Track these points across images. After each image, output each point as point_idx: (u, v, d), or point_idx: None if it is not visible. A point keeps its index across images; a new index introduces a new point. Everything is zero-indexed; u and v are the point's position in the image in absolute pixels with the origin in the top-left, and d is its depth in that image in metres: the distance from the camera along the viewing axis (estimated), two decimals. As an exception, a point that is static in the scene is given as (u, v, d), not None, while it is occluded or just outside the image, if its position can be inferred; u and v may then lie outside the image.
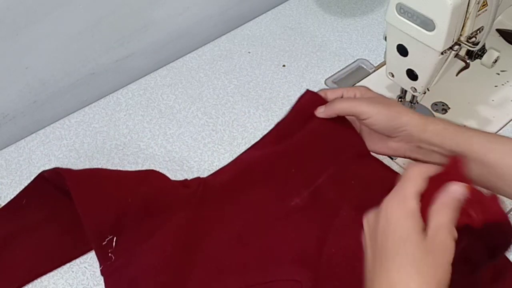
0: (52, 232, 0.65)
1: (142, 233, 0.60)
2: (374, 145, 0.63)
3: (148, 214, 0.61)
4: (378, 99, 0.61)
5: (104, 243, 0.59)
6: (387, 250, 0.41)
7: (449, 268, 0.39)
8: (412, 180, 0.43)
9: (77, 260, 0.64)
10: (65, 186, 0.61)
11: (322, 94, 0.64)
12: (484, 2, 0.57)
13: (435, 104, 0.78)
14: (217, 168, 0.73)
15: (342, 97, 0.63)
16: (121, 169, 0.74)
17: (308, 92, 0.64)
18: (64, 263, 0.63)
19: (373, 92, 0.63)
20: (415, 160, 0.60)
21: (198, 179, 0.68)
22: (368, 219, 0.44)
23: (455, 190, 0.42)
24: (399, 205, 0.42)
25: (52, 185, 0.65)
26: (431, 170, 0.44)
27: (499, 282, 0.56)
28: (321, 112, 0.62)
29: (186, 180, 0.68)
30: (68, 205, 0.62)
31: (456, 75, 0.65)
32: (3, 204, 0.71)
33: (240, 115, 0.80)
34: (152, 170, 0.68)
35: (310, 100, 0.64)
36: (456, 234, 0.40)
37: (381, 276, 0.41)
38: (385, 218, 0.42)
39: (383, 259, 0.41)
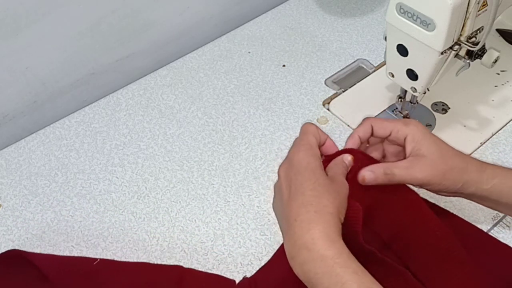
0: None
1: None
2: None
3: None
4: (433, 152, 0.53)
5: None
6: (301, 180, 0.49)
7: (346, 198, 0.50)
8: (312, 132, 0.53)
9: (77, 260, 0.65)
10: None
11: (367, 126, 0.55)
12: (484, 2, 0.57)
13: (435, 104, 0.78)
14: (217, 168, 0.73)
15: (390, 134, 0.55)
16: (121, 169, 0.74)
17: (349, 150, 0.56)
18: None
19: (425, 130, 0.54)
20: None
21: (246, 279, 0.62)
22: (283, 166, 0.52)
23: (346, 157, 0.54)
24: (307, 151, 0.51)
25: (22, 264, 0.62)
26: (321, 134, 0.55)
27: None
28: (371, 178, 0.53)
29: (233, 282, 0.62)
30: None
31: (456, 75, 0.65)
32: (3, 204, 0.71)
33: (240, 115, 0.80)
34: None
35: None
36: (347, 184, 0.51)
37: (297, 199, 0.48)
38: (297, 160, 0.51)
39: (298, 187, 0.49)
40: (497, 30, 0.86)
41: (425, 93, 0.67)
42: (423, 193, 0.57)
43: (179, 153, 0.76)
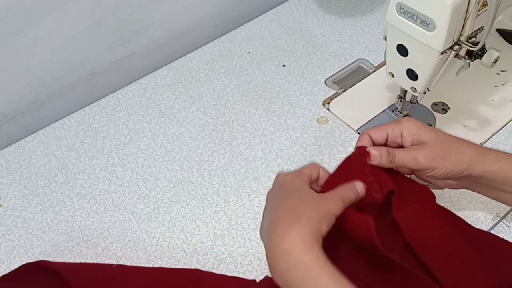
0: None
1: None
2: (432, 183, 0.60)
3: None
4: (431, 138, 0.55)
5: None
6: (284, 195, 0.51)
7: (331, 214, 0.48)
8: (308, 166, 0.55)
9: (77, 260, 0.65)
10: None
11: (365, 137, 0.57)
12: (484, 2, 0.57)
13: (435, 104, 0.78)
14: (217, 168, 0.73)
15: (388, 136, 0.57)
16: (121, 169, 0.74)
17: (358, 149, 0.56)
18: None
19: (418, 122, 0.57)
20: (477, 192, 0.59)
21: (268, 278, 0.61)
22: (270, 190, 0.53)
23: (358, 185, 0.53)
24: (295, 174, 0.54)
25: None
26: (321, 170, 0.55)
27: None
28: (376, 157, 0.54)
29: (254, 281, 0.62)
30: None
31: (456, 75, 0.65)
32: (3, 204, 0.71)
33: (240, 115, 0.80)
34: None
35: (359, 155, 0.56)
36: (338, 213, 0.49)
37: (277, 210, 0.49)
38: (283, 181, 0.53)
39: (280, 200, 0.50)
40: (497, 30, 0.86)
41: (425, 93, 0.67)
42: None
43: (179, 153, 0.76)
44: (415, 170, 0.56)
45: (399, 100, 0.74)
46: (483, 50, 0.63)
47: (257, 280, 0.61)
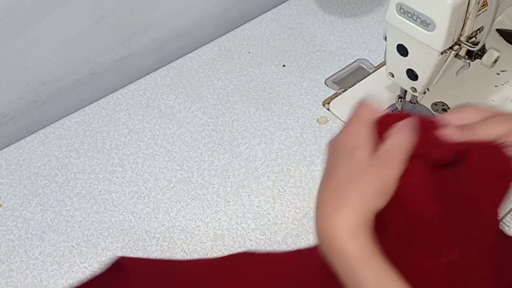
0: None
1: None
2: None
3: None
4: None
5: None
6: (336, 162, 0.44)
7: (390, 184, 0.41)
8: (367, 111, 0.46)
9: (77, 260, 0.65)
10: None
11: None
12: (484, 2, 0.57)
13: (435, 104, 0.78)
14: (217, 168, 0.73)
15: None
16: (121, 169, 0.74)
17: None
18: None
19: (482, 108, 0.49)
20: None
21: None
22: (330, 141, 0.47)
23: (410, 120, 0.44)
24: (353, 126, 0.45)
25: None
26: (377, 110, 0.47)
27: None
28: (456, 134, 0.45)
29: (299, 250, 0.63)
30: None
31: (456, 75, 0.65)
32: (3, 204, 0.71)
33: (240, 115, 0.80)
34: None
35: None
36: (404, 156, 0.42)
37: (327, 182, 0.43)
38: (341, 137, 0.45)
39: (332, 168, 0.44)
40: (497, 30, 0.86)
41: (425, 93, 0.67)
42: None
43: (179, 153, 0.76)
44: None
45: (399, 100, 0.74)
46: (483, 50, 0.63)
47: None
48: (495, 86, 0.80)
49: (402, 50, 0.63)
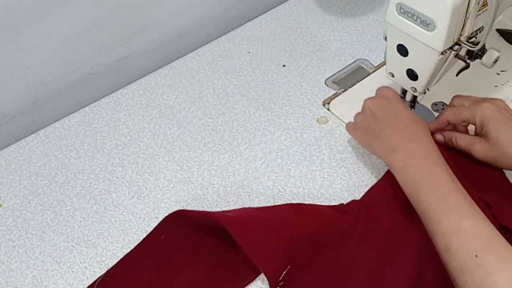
0: (199, 273, 0.62)
1: (311, 265, 0.60)
2: None
3: (316, 247, 0.61)
4: (492, 138, 0.61)
5: (280, 281, 0.59)
6: (393, 106, 0.64)
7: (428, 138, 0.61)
8: (389, 89, 0.67)
9: (77, 260, 0.65)
10: (205, 225, 0.63)
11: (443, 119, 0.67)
12: (484, 2, 0.57)
13: (435, 104, 0.78)
14: (217, 168, 0.73)
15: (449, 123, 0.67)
16: (121, 169, 0.74)
17: None
18: None
19: (495, 111, 0.62)
20: None
21: (354, 202, 0.67)
22: (370, 99, 0.67)
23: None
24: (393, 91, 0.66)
25: (188, 223, 0.64)
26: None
27: None
28: (440, 138, 0.67)
29: (342, 205, 0.67)
30: (210, 244, 0.63)
31: (456, 75, 0.65)
32: (3, 204, 0.71)
33: (240, 115, 0.80)
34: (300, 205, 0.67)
35: None
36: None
37: (400, 114, 0.62)
38: (387, 93, 0.66)
39: (381, 127, 0.63)
40: (497, 30, 0.86)
41: (425, 93, 0.67)
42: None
43: (179, 153, 0.76)
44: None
45: (399, 100, 0.74)
46: (483, 50, 0.63)
47: None
48: (495, 86, 0.80)
49: (402, 50, 0.63)
